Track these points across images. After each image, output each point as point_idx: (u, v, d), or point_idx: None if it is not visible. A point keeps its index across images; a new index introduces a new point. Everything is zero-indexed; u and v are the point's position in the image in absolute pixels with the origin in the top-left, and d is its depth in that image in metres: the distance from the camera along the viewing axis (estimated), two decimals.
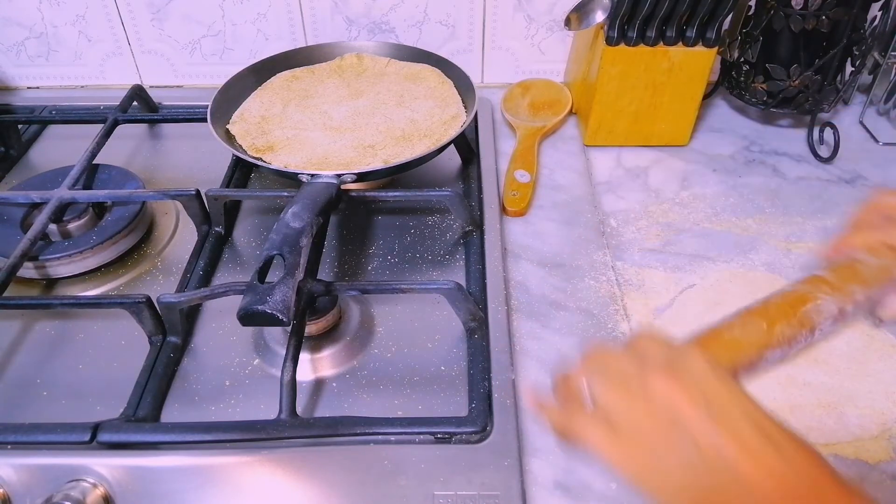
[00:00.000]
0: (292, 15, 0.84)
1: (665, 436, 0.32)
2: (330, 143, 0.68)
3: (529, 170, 0.72)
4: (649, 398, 0.32)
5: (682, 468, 0.31)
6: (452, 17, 0.84)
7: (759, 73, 0.76)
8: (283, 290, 0.46)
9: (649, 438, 0.32)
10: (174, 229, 0.68)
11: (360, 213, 0.69)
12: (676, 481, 0.31)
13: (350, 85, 0.77)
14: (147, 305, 0.53)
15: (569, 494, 0.46)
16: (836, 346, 0.56)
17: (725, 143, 0.80)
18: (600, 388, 0.34)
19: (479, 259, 0.61)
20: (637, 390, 0.33)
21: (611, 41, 0.70)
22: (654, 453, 0.32)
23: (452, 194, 0.63)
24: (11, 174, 0.77)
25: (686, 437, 0.31)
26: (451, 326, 0.57)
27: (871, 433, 0.50)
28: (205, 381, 0.53)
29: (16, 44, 0.86)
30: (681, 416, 0.32)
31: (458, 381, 0.53)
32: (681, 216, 0.69)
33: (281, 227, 0.52)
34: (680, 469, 0.31)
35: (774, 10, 0.71)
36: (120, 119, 0.77)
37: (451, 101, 0.73)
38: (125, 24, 0.84)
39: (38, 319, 0.58)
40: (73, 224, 0.64)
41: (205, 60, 0.88)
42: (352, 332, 0.56)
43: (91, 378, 0.54)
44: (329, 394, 0.53)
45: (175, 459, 0.47)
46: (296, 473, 0.46)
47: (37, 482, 0.45)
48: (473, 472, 0.46)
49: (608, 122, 0.76)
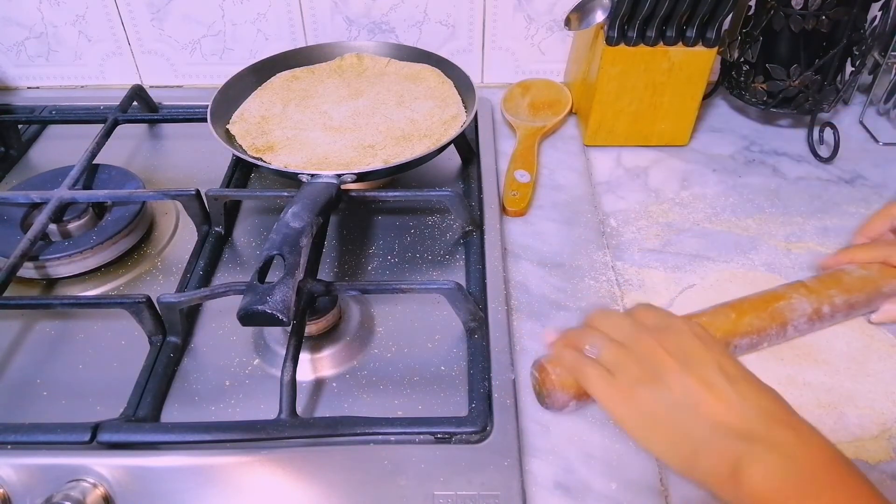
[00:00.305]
0: (292, 15, 0.84)
1: (649, 383, 0.39)
2: (330, 143, 0.68)
3: (529, 170, 0.72)
4: (640, 353, 0.40)
5: (659, 408, 0.39)
6: (452, 17, 0.84)
7: (759, 73, 0.76)
8: (283, 290, 0.46)
9: (637, 385, 0.39)
10: (174, 229, 0.68)
11: (360, 213, 0.69)
12: (654, 419, 0.39)
13: (350, 85, 0.77)
14: (147, 305, 0.53)
15: (569, 494, 0.46)
16: (836, 346, 0.56)
17: (725, 143, 0.80)
18: (602, 343, 0.42)
19: (479, 259, 0.61)
20: (631, 346, 0.41)
21: (611, 41, 0.70)
22: (639, 398, 0.39)
23: (452, 194, 0.63)
24: (11, 174, 0.77)
25: (663, 383, 0.39)
26: (451, 326, 0.57)
27: (871, 433, 0.50)
28: (205, 381, 0.53)
29: (16, 44, 0.86)
30: (661, 366, 0.39)
31: (458, 381, 0.53)
32: (681, 216, 0.69)
33: (281, 227, 0.52)
34: (657, 408, 0.39)
35: (774, 10, 0.71)
36: (120, 119, 0.77)
37: (451, 101, 0.73)
38: (125, 24, 0.84)
39: (38, 319, 0.59)
40: (73, 224, 0.64)
41: (205, 60, 0.88)
42: (352, 332, 0.56)
43: (91, 378, 0.54)
44: (329, 394, 0.53)
45: (175, 459, 0.47)
46: (296, 473, 0.46)
47: (37, 482, 0.45)
48: (473, 472, 0.46)
49: (608, 122, 0.76)
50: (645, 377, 0.40)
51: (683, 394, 0.38)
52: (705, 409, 0.38)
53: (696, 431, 0.37)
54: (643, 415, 0.39)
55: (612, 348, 0.42)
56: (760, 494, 0.35)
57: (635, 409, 0.40)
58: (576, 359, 0.43)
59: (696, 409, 0.38)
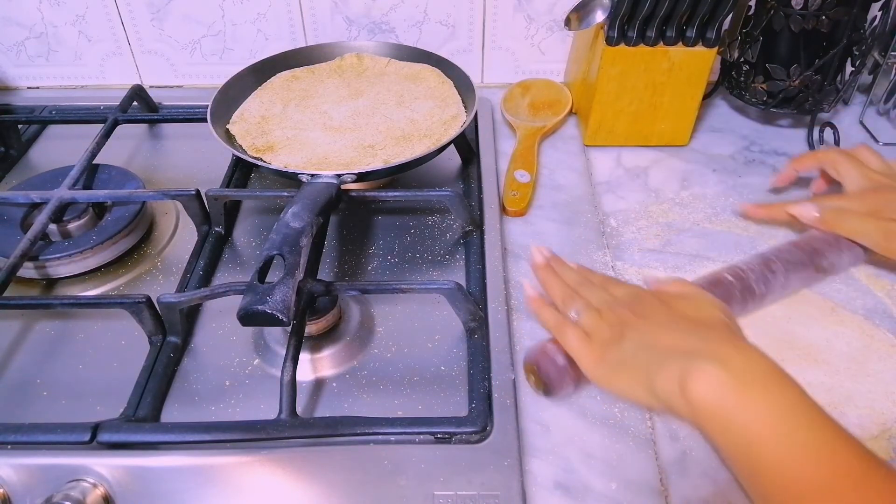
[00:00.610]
0: (292, 15, 0.84)
1: (617, 342, 0.44)
2: (330, 143, 0.68)
3: (529, 170, 0.72)
4: (612, 320, 0.45)
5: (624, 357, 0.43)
6: (452, 17, 0.84)
7: (759, 73, 0.76)
8: (283, 290, 0.46)
9: (608, 346, 0.44)
10: (174, 229, 0.68)
11: (360, 213, 0.69)
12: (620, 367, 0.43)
13: (350, 85, 0.77)
14: (147, 305, 0.53)
15: (569, 494, 0.46)
16: (836, 346, 0.56)
17: (725, 143, 0.80)
18: (583, 309, 0.47)
19: (479, 259, 0.61)
20: (606, 314, 0.46)
21: (611, 41, 0.70)
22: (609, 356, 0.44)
23: (452, 194, 0.63)
24: (11, 174, 0.77)
25: (627, 337, 0.44)
26: (451, 326, 0.57)
27: (871, 433, 0.50)
28: (205, 381, 0.53)
29: (16, 44, 0.86)
30: (628, 324, 0.44)
31: (458, 381, 0.53)
32: (681, 216, 0.69)
33: (281, 227, 0.52)
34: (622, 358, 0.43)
35: (774, 10, 0.71)
36: (120, 119, 0.77)
37: (451, 101, 0.73)
38: (125, 24, 0.84)
39: (38, 319, 0.59)
40: (73, 224, 0.64)
41: (205, 60, 0.88)
42: (352, 332, 0.56)
43: (91, 378, 0.54)
44: (329, 394, 0.53)
45: (175, 459, 0.47)
46: (296, 473, 0.46)
47: (37, 482, 0.45)
48: (473, 472, 0.46)
49: (608, 122, 0.76)
50: (614, 339, 0.44)
51: (641, 339, 0.43)
52: (659, 344, 0.42)
53: (651, 363, 0.41)
54: (612, 368, 0.44)
55: (590, 314, 0.47)
56: (703, 401, 0.38)
57: (606, 365, 0.44)
58: (557, 320, 0.48)
59: (653, 347, 0.42)
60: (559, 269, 0.53)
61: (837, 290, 0.60)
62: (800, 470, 0.35)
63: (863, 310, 0.59)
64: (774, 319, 0.58)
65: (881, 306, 0.59)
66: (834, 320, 0.58)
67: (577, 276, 0.51)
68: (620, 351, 0.43)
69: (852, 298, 0.60)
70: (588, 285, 0.50)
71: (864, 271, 0.62)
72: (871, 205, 0.59)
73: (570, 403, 0.51)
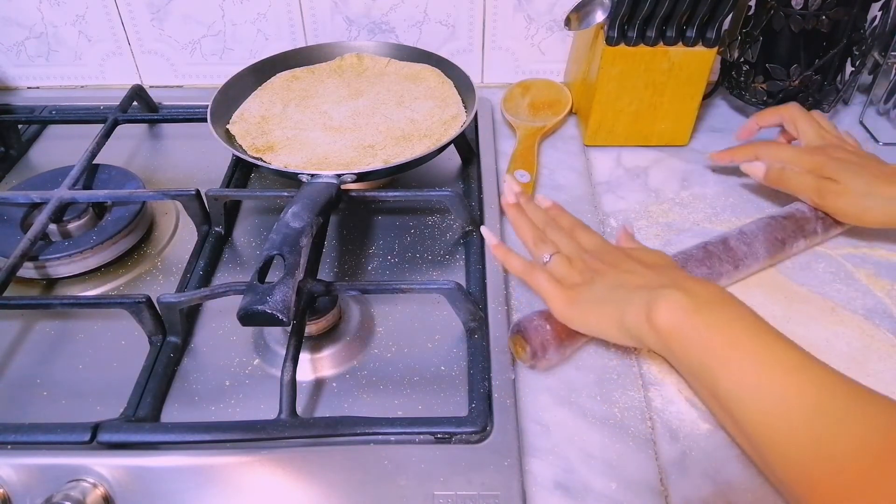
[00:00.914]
0: (292, 15, 0.84)
1: (588, 285, 0.48)
2: (330, 143, 0.68)
3: (529, 170, 0.73)
4: (581, 267, 0.50)
5: (595, 297, 0.48)
6: (452, 17, 0.84)
7: (759, 73, 0.76)
8: (283, 290, 0.46)
9: (578, 289, 0.49)
10: (174, 229, 0.68)
11: (360, 213, 0.69)
12: (592, 306, 0.48)
13: (350, 85, 0.77)
14: (147, 305, 0.53)
15: (569, 494, 0.46)
16: (836, 346, 0.56)
17: (725, 143, 0.79)
18: (554, 256, 0.51)
19: (479, 259, 0.61)
20: (576, 262, 0.51)
21: (611, 41, 0.70)
22: (580, 298, 0.48)
23: (452, 194, 0.63)
24: (11, 174, 0.77)
25: (597, 282, 0.48)
26: (451, 326, 0.57)
27: None
28: (205, 381, 0.53)
29: (16, 44, 0.86)
30: (598, 272, 0.49)
31: (458, 381, 0.53)
32: (681, 216, 0.69)
33: (281, 227, 0.52)
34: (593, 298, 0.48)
35: (774, 10, 0.71)
36: (120, 119, 0.77)
37: (451, 101, 0.73)
38: (125, 24, 0.85)
39: (38, 319, 0.59)
40: (73, 224, 0.64)
41: (205, 60, 0.88)
42: (352, 332, 0.56)
43: (91, 378, 0.54)
44: (329, 394, 0.53)
45: (175, 459, 0.47)
46: (296, 473, 0.46)
47: (37, 482, 0.45)
48: (473, 472, 0.46)
49: (608, 122, 0.76)
50: (584, 283, 0.49)
51: (611, 281, 0.48)
52: (628, 284, 0.47)
53: (621, 300, 0.46)
54: (583, 308, 0.48)
55: (562, 263, 0.51)
56: (667, 323, 0.43)
57: (577, 306, 0.48)
58: (526, 265, 0.52)
59: (622, 286, 0.47)
60: (527, 208, 0.56)
61: (837, 290, 0.60)
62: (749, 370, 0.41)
63: (863, 310, 0.59)
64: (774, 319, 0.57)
65: (881, 306, 0.59)
66: (834, 320, 0.58)
67: (544, 217, 0.55)
68: (591, 292, 0.48)
69: (852, 298, 0.60)
70: (556, 229, 0.54)
71: (864, 271, 0.62)
72: (814, 162, 0.62)
73: (571, 403, 0.51)
